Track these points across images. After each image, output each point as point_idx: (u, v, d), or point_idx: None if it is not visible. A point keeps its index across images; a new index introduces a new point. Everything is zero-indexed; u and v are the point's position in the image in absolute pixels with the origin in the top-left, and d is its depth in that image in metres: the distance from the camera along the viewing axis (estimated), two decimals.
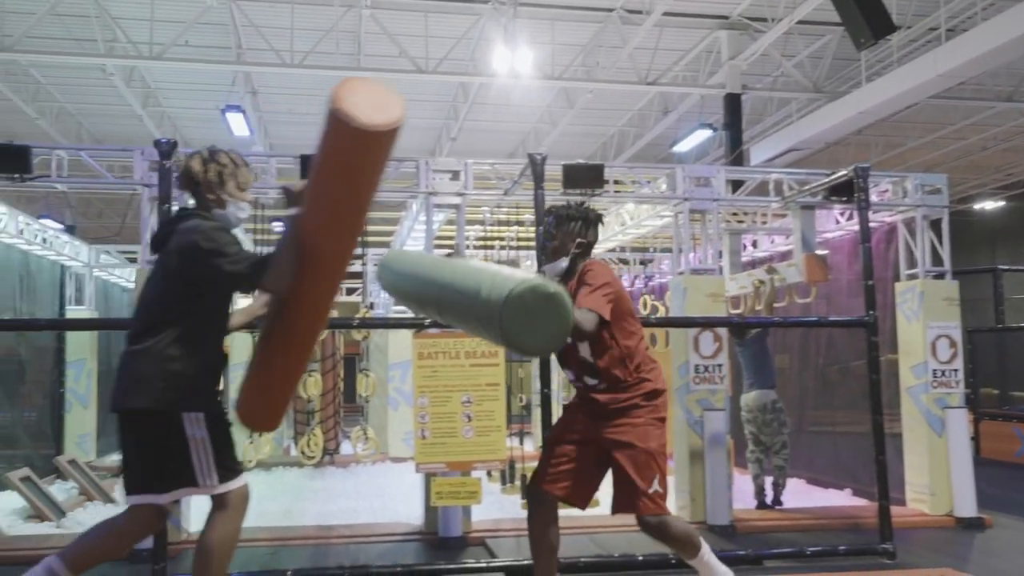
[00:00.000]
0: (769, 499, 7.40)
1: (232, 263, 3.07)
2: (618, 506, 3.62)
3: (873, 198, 7.17)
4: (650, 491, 3.52)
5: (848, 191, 6.48)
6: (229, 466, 3.24)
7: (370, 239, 10.95)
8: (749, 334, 7.54)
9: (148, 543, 5.14)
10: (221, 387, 3.42)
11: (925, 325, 7.08)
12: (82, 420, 10.52)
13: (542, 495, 3.68)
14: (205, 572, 3.17)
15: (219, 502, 3.22)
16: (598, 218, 3.89)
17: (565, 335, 2.97)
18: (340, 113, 2.64)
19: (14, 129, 15.17)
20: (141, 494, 3.19)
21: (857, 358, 8.01)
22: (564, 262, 3.74)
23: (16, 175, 6.12)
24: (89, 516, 7.77)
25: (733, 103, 12.98)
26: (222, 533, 3.20)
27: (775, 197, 7.50)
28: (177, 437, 3.11)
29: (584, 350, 3.64)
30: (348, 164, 2.82)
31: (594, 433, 3.66)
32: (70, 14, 11.17)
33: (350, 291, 13.53)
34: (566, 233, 3.76)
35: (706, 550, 3.71)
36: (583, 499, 3.72)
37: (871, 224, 5.86)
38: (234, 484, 3.24)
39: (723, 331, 6.92)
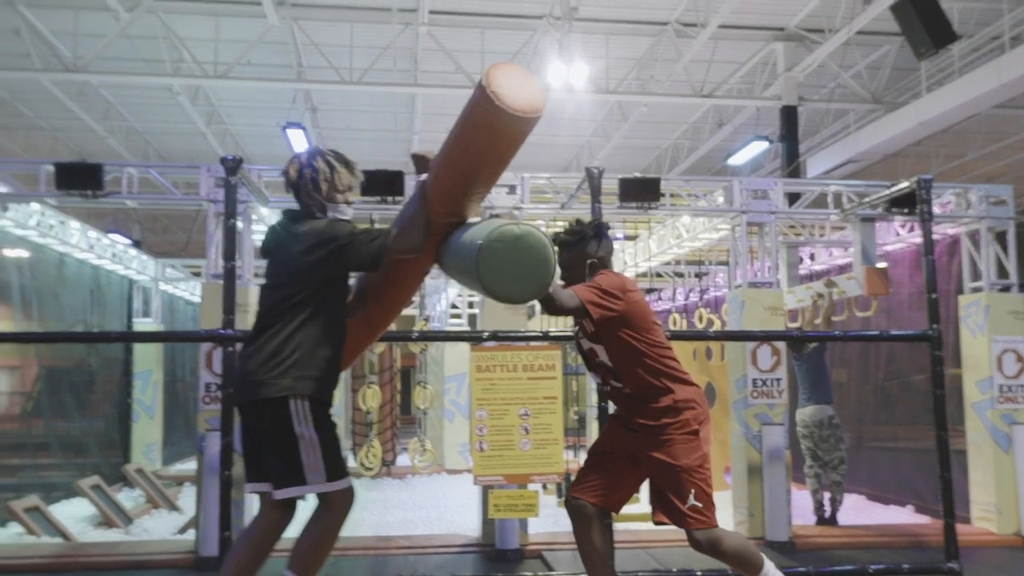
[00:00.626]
0: (827, 514, 7.31)
1: (365, 248, 3.20)
2: (656, 515, 3.64)
3: (936, 210, 7.06)
4: (685, 507, 3.49)
5: (910, 203, 6.39)
6: (336, 465, 3.27)
7: None
8: (807, 348, 7.47)
9: (214, 550, 5.29)
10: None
11: (990, 339, 6.94)
12: (148, 430, 10.83)
13: (578, 503, 3.74)
14: (303, 569, 3.20)
15: (325, 501, 3.25)
16: (602, 230, 3.78)
17: (546, 277, 2.98)
18: (491, 92, 2.80)
19: (85, 147, 15.70)
20: (257, 483, 3.28)
21: (918, 372, 7.88)
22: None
23: (88, 192, 6.37)
24: (155, 523, 8.01)
25: (789, 115, 12.86)
26: (325, 531, 3.24)
27: (833, 209, 7.42)
28: (287, 432, 3.17)
29: (602, 354, 3.67)
30: (486, 142, 2.98)
31: (631, 446, 3.69)
32: (139, 35, 11.54)
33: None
34: (576, 257, 3.71)
35: (770, 568, 3.61)
36: (616, 504, 3.80)
37: (933, 236, 5.77)
38: (341, 484, 3.28)
39: (781, 345, 6.86)
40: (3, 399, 8.39)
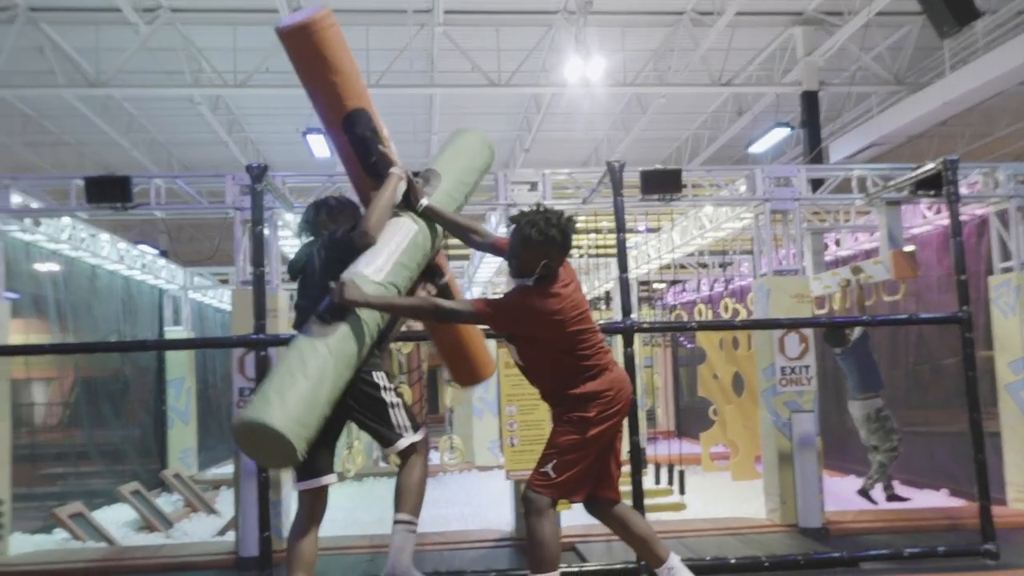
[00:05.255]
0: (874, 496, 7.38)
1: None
2: None
3: (963, 190, 7.00)
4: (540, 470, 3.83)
5: (936, 184, 6.34)
6: (415, 419, 3.90)
7: (451, 252, 11.10)
8: (849, 340, 7.42)
9: (254, 551, 5.38)
10: None
11: (1022, 319, 6.88)
12: (183, 435, 10.98)
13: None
14: (414, 508, 3.85)
15: (416, 448, 3.84)
16: (569, 240, 3.66)
17: (282, 447, 3.25)
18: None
19: (109, 160, 15.90)
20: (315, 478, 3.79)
21: (948, 355, 7.82)
22: (529, 282, 3.66)
23: (118, 204, 6.47)
24: (194, 526, 8.13)
25: (810, 100, 12.74)
26: (423, 472, 3.88)
27: (858, 194, 7.38)
28: (379, 401, 3.78)
29: (513, 353, 3.93)
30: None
31: None
32: (159, 48, 11.67)
33: None
34: (535, 255, 3.61)
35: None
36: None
37: (961, 217, 5.73)
38: (423, 432, 3.90)
39: (809, 332, 6.84)
40: (42, 409, 8.55)
